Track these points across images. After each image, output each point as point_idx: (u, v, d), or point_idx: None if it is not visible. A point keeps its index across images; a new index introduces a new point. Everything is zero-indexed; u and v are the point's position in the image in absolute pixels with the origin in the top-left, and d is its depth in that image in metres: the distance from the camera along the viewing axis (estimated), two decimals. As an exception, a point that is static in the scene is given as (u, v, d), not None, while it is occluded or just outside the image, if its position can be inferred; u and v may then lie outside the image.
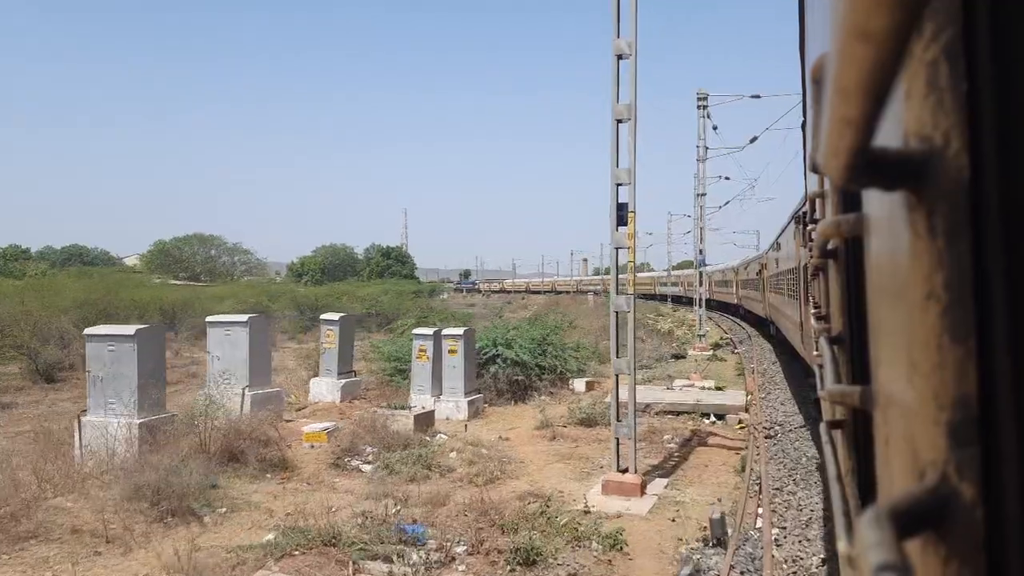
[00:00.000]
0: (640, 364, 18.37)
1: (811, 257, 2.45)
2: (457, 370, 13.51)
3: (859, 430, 1.13)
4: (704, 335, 26.42)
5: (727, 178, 36.34)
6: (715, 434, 11.90)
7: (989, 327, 0.40)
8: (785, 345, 18.74)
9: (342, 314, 16.06)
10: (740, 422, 12.47)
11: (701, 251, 28.22)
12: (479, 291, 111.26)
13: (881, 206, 0.61)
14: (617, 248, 8.96)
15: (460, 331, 13.93)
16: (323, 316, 16.14)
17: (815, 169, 0.74)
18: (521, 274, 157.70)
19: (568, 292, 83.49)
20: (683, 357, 22.59)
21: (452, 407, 13.30)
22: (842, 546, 0.63)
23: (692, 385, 15.71)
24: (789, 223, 13.79)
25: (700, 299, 28.28)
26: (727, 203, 45.10)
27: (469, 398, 13.50)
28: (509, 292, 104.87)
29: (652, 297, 63.65)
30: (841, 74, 0.38)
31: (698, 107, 26.53)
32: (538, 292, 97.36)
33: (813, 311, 2.42)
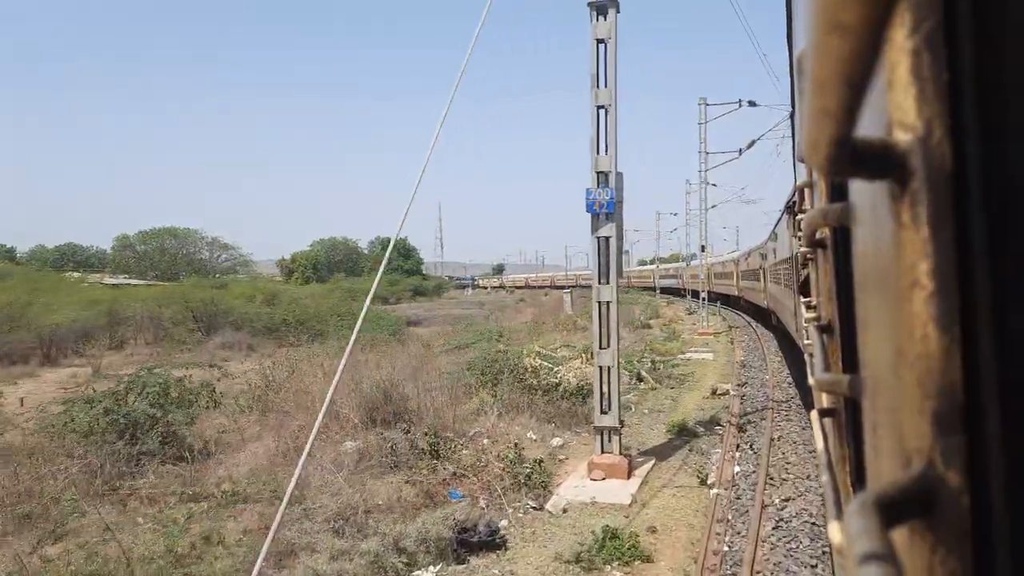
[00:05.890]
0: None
1: (800, 246, 2.47)
2: None
3: (849, 418, 1.14)
4: (632, 407, 11.52)
5: (752, 103, 21.54)
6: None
7: (973, 315, 0.40)
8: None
9: None
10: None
11: (603, 175, 9.21)
12: (474, 288, 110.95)
13: (866, 195, 0.61)
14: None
15: None
16: None
17: (803, 160, 0.74)
18: (551, 266, 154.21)
19: (567, 288, 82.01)
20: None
21: None
22: (832, 534, 0.63)
23: None
24: (783, 212, 13.83)
25: (605, 328, 9.44)
26: (753, 143, 27.45)
27: None
28: (508, 289, 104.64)
29: (677, 291, 54.29)
30: (818, 65, 0.39)
31: None
32: (536, 287, 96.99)
33: (804, 300, 2.44)
